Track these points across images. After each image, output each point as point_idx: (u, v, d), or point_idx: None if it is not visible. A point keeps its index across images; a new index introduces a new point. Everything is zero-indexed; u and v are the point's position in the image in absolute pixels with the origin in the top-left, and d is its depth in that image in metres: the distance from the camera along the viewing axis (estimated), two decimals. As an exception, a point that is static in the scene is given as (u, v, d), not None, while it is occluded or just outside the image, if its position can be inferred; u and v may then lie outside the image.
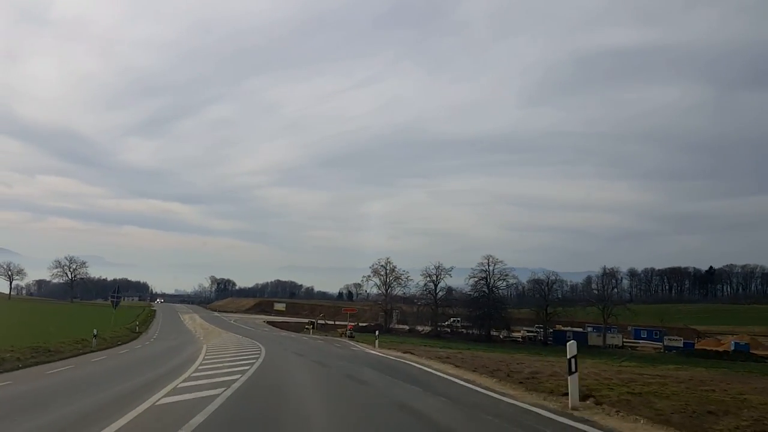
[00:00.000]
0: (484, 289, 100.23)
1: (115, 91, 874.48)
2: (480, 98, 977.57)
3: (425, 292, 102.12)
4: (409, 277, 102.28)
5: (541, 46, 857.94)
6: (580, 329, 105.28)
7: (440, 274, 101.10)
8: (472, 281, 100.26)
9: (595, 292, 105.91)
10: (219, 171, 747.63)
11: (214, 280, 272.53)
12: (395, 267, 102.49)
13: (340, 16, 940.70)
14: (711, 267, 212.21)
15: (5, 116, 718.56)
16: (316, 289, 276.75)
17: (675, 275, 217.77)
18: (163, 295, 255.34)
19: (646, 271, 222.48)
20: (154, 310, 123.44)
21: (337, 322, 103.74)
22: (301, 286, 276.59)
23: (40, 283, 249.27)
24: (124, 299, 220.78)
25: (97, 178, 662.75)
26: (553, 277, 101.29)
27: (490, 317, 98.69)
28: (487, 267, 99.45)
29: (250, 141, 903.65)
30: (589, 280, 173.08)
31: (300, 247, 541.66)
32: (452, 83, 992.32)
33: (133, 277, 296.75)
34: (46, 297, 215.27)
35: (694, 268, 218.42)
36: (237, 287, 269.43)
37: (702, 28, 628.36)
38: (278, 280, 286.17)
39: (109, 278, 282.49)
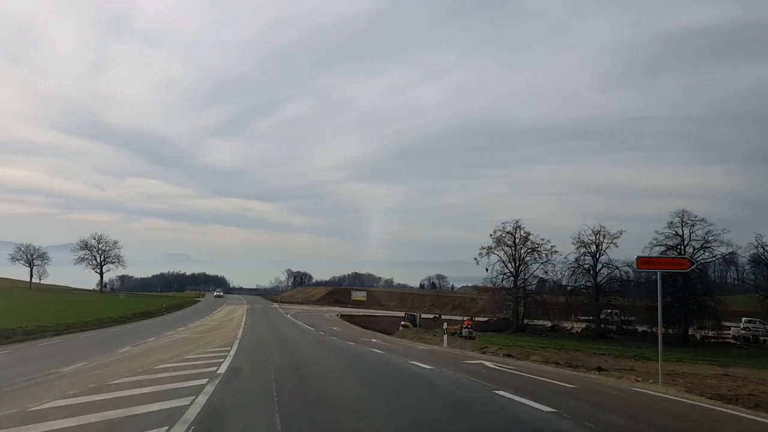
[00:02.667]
0: (675, 264, 60.27)
1: (196, 94, 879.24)
2: (558, 84, 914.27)
3: (577, 271, 62.93)
4: (554, 249, 63.01)
5: (622, 27, 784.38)
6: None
7: (601, 243, 61.71)
8: (657, 251, 60.23)
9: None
10: (296, 168, 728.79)
11: (290, 273, 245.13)
12: (529, 234, 63.64)
13: (410, 7, 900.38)
14: None
15: (98, 123, 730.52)
16: (395, 281, 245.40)
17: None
18: (240, 289, 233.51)
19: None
20: (198, 301, 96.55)
21: (443, 317, 66.40)
22: (379, 278, 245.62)
23: (123, 278, 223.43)
24: (201, 292, 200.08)
25: (182, 179, 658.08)
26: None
27: (687, 308, 59.02)
28: (680, 229, 59.51)
29: (325, 137, 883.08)
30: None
31: (377, 242, 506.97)
32: (528, 69, 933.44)
33: (212, 272, 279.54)
34: (128, 291, 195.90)
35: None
36: (313, 280, 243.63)
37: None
38: (355, 273, 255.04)
39: (188, 273, 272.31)
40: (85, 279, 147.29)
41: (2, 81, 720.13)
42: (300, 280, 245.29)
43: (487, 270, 62.46)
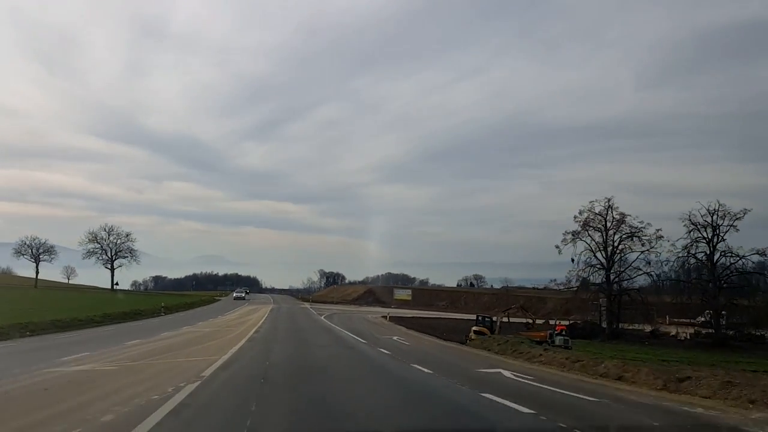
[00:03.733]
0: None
1: (230, 98, 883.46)
2: (594, 82, 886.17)
3: (688, 261, 48.36)
4: (660, 234, 48.42)
5: (658, 23, 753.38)
6: None
7: (718, 226, 47.15)
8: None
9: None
10: (328, 170, 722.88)
11: (323, 273, 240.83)
12: (625, 215, 49.38)
13: (443, 8, 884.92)
14: None
15: (135, 128, 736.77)
16: (430, 282, 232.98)
17: None
18: (272, 290, 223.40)
19: None
20: (217, 300, 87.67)
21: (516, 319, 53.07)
22: (414, 279, 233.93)
23: (156, 278, 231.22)
24: (225, 291, 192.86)
25: (217, 182, 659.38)
26: None
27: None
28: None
29: (357, 139, 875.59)
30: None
31: (410, 243, 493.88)
32: (563, 68, 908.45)
33: (244, 273, 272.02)
34: (160, 290, 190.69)
35: None
36: (346, 281, 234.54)
37: None
38: (389, 273, 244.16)
39: (221, 274, 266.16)
40: (118, 279, 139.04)
41: (43, 88, 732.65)
42: (333, 280, 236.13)
43: (573, 260, 48.51)
